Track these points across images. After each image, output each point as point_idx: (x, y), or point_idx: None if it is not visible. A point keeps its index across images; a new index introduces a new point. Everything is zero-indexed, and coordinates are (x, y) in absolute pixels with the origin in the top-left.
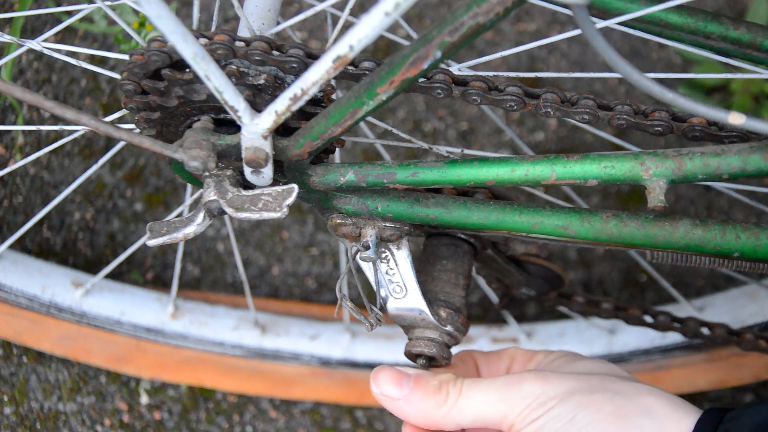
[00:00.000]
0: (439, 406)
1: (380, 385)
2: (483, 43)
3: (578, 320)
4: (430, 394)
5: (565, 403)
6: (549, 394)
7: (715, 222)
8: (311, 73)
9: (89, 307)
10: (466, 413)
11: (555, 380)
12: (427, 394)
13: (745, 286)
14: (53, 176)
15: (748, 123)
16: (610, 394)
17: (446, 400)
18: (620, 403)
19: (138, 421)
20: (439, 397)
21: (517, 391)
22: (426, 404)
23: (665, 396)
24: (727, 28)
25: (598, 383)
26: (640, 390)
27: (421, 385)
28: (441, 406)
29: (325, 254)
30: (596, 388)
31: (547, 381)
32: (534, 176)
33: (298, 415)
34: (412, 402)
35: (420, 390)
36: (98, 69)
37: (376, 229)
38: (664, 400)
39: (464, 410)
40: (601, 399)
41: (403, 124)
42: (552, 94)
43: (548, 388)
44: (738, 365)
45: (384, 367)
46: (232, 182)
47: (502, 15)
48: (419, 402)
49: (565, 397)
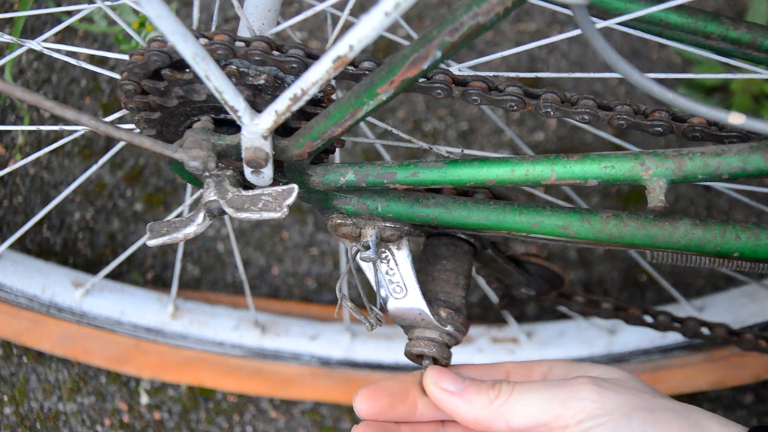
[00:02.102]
0: (491, 401)
1: (437, 379)
2: (483, 43)
3: (578, 320)
4: (484, 389)
5: (629, 418)
6: (609, 404)
7: (715, 222)
8: (311, 73)
9: (89, 307)
10: (517, 410)
11: (611, 390)
12: (481, 390)
13: (745, 286)
14: (53, 176)
15: (748, 123)
16: (672, 413)
17: (499, 395)
18: (684, 422)
19: (138, 421)
20: (492, 393)
21: (574, 393)
22: (480, 399)
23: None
24: (727, 28)
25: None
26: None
27: (474, 381)
28: (493, 402)
29: (325, 254)
30: (656, 405)
31: (603, 389)
32: (534, 176)
33: (298, 415)
34: (467, 396)
35: (475, 385)
36: (98, 69)
37: (376, 229)
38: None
39: (516, 407)
40: (664, 418)
41: (403, 124)
42: (552, 94)
43: (607, 399)
44: (738, 365)
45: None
46: (232, 182)
47: (502, 15)
48: (473, 396)
49: (628, 412)
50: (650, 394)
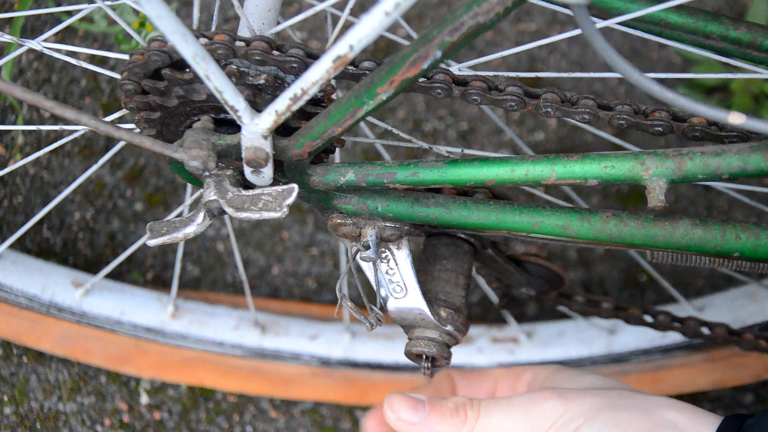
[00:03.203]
0: (458, 428)
1: (396, 411)
2: (483, 43)
3: (578, 320)
4: (447, 416)
5: (593, 421)
6: (573, 412)
7: (715, 222)
8: (311, 73)
9: (89, 307)
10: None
11: (576, 398)
12: (445, 417)
13: (745, 286)
14: (53, 176)
15: (748, 123)
16: (636, 410)
17: (465, 422)
18: (648, 419)
19: (138, 421)
20: (457, 420)
21: (539, 410)
22: (444, 427)
23: (685, 407)
24: (727, 28)
25: (619, 399)
26: (661, 403)
27: (437, 409)
28: (460, 428)
29: (325, 254)
30: (620, 404)
31: (568, 399)
32: (534, 176)
33: (298, 415)
34: (431, 425)
35: (437, 413)
36: (98, 69)
37: (376, 229)
38: (685, 412)
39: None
40: (628, 415)
41: (403, 124)
42: (552, 93)
43: (571, 406)
44: (738, 365)
45: (396, 393)
46: (232, 182)
47: (502, 15)
48: (437, 425)
49: (592, 416)
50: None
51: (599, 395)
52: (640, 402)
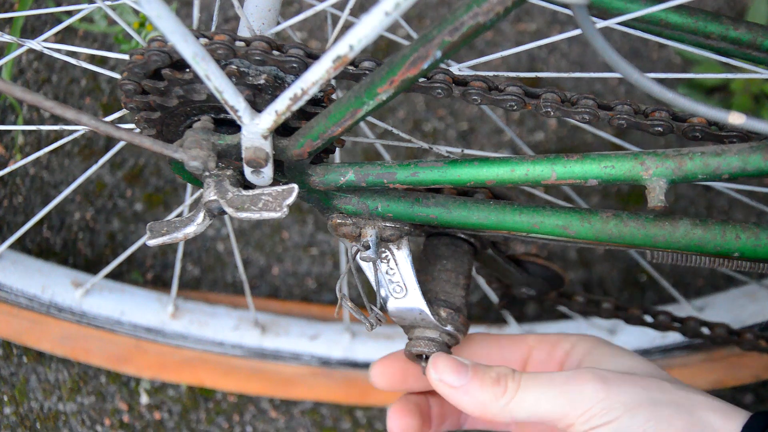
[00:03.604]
0: (497, 398)
1: (440, 372)
2: (483, 43)
3: (578, 320)
4: (488, 385)
5: (633, 415)
6: (614, 400)
7: (715, 222)
8: (311, 73)
9: (89, 307)
10: (523, 407)
11: (617, 384)
12: (486, 385)
13: (745, 286)
14: (53, 176)
15: (748, 123)
16: (676, 408)
17: (505, 392)
18: (687, 419)
19: (138, 421)
20: (497, 389)
21: (579, 391)
22: (484, 395)
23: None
24: (727, 28)
25: (660, 393)
26: (699, 402)
27: (479, 376)
28: (499, 399)
29: (325, 254)
30: (661, 399)
31: (609, 384)
32: (534, 176)
33: (298, 415)
34: (471, 392)
35: (478, 380)
36: (98, 69)
37: (376, 229)
38: (720, 412)
39: (522, 404)
40: (669, 413)
41: (403, 124)
42: (552, 93)
43: (612, 393)
44: (738, 365)
45: (442, 354)
46: (232, 182)
47: (502, 15)
48: (477, 392)
49: (633, 408)
50: (657, 387)
51: (640, 385)
52: (679, 398)
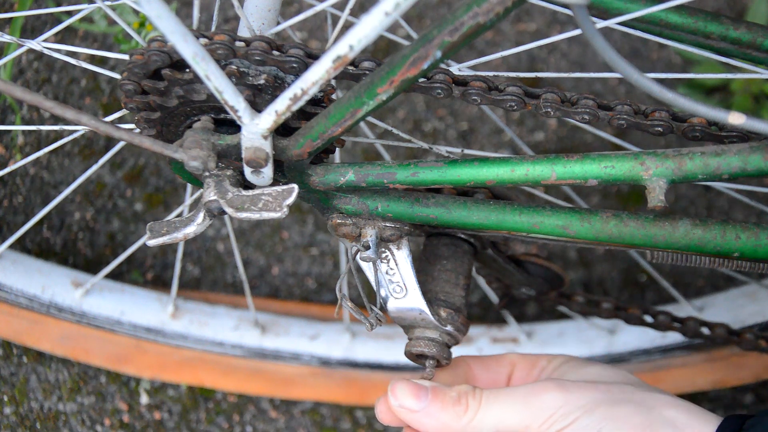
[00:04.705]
0: (459, 417)
1: (399, 397)
2: (483, 43)
3: (578, 320)
4: (449, 405)
5: (590, 415)
6: (572, 405)
7: (715, 222)
8: (311, 73)
9: (89, 307)
10: (486, 424)
11: (576, 390)
12: (446, 406)
13: (745, 286)
14: (53, 176)
15: (748, 123)
16: (634, 406)
17: (466, 411)
18: (645, 415)
19: (138, 421)
20: (458, 408)
21: (539, 401)
22: (445, 416)
23: (684, 406)
24: (727, 28)
25: (620, 394)
26: (661, 400)
27: (439, 397)
28: (461, 417)
29: (325, 254)
30: (619, 399)
31: (568, 391)
32: (534, 176)
33: (298, 415)
34: (432, 414)
35: (438, 401)
36: (98, 69)
37: (376, 229)
38: (684, 410)
39: (485, 421)
40: (626, 411)
41: (403, 124)
42: (552, 94)
43: (571, 399)
44: (738, 365)
45: (400, 379)
46: (232, 182)
47: (502, 15)
48: (439, 413)
49: (590, 409)
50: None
51: (600, 389)
52: (640, 398)
